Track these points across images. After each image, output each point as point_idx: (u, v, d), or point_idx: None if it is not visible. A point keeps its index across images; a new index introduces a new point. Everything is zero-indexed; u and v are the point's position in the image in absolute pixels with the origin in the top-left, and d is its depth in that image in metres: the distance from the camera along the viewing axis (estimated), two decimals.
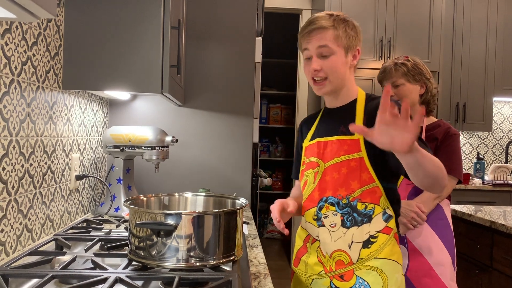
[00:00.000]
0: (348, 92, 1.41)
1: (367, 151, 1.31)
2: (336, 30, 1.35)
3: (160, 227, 1.04)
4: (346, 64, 1.37)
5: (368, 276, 1.31)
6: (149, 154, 1.86)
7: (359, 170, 1.31)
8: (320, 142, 1.40)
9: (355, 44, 1.39)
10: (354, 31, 1.38)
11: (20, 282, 1.07)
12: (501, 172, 4.06)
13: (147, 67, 1.58)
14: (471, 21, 4.12)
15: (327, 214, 1.36)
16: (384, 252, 1.32)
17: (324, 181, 1.37)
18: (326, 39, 1.35)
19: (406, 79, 1.92)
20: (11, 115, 1.21)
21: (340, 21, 1.36)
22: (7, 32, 1.17)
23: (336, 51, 1.35)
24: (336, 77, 1.37)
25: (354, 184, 1.32)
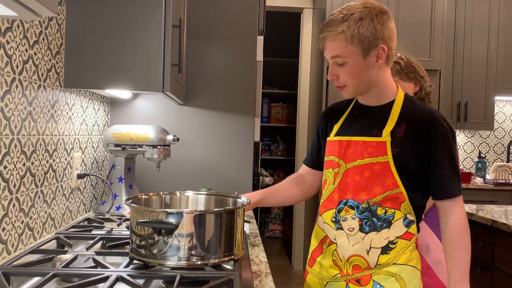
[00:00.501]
0: (382, 92, 1.33)
1: (393, 154, 1.26)
2: (347, 33, 1.23)
3: (162, 226, 1.04)
4: (366, 66, 1.26)
5: (386, 281, 1.28)
6: (151, 153, 1.86)
7: (383, 174, 1.26)
8: (342, 141, 1.34)
9: (376, 43, 1.24)
10: (372, 29, 1.23)
11: (21, 280, 1.07)
12: (502, 171, 4.06)
13: (149, 65, 1.58)
14: (473, 20, 4.11)
15: (345, 217, 1.31)
16: (403, 258, 1.29)
17: (345, 183, 1.32)
18: (336, 49, 1.26)
19: (400, 77, 1.91)
20: (12, 113, 1.21)
21: (353, 22, 1.23)
22: (8, 30, 1.17)
23: (350, 57, 1.25)
24: (356, 82, 1.29)
25: (377, 189, 1.27)
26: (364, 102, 1.37)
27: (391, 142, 1.27)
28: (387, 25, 1.27)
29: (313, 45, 4.47)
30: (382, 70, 1.31)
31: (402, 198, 1.28)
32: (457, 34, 4.12)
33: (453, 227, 1.28)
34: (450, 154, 1.28)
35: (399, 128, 1.28)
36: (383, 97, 1.33)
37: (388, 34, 1.27)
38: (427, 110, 1.31)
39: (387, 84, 1.33)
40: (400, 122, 1.29)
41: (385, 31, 1.26)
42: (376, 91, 1.32)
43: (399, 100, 1.32)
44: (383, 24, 1.26)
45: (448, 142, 1.28)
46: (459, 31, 4.12)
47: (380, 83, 1.32)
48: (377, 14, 1.25)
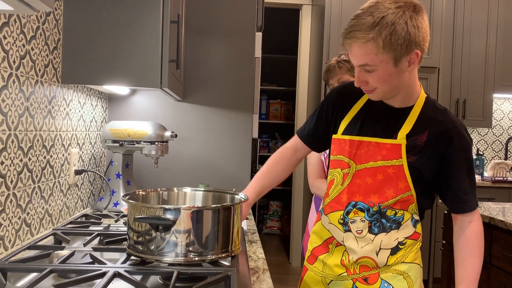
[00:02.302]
0: (408, 95, 1.26)
1: (409, 160, 1.22)
2: (378, 42, 1.11)
3: (159, 222, 1.04)
4: (397, 73, 1.17)
5: (394, 280, 1.27)
6: (148, 149, 1.85)
7: (396, 178, 1.22)
8: (353, 140, 1.27)
9: (409, 49, 1.13)
10: (406, 34, 1.11)
11: (18, 276, 1.07)
12: (500, 169, 4.07)
13: (146, 61, 1.57)
14: (472, 18, 4.11)
15: (354, 219, 1.28)
16: (410, 256, 1.29)
17: (355, 185, 1.27)
18: (365, 57, 1.14)
19: (351, 75, 1.94)
20: (9, 109, 1.20)
21: (384, 28, 1.10)
22: (5, 25, 1.17)
23: (380, 65, 1.15)
24: (386, 88, 1.20)
25: (389, 193, 1.24)
26: (387, 101, 1.28)
27: (409, 148, 1.22)
28: (422, 26, 1.15)
29: (312, 42, 4.46)
30: (414, 73, 1.24)
31: (412, 200, 1.26)
32: (456, 32, 4.12)
33: (469, 232, 1.29)
34: (469, 167, 1.27)
35: (421, 136, 1.23)
36: (408, 99, 1.27)
37: (422, 36, 1.15)
38: (450, 119, 1.26)
39: (413, 85, 1.26)
40: (422, 129, 1.23)
41: (420, 34, 1.14)
42: (404, 94, 1.25)
43: (420, 102, 1.26)
44: (418, 27, 1.14)
45: (469, 154, 1.26)
46: (458, 28, 4.11)
47: (408, 88, 1.24)
48: (411, 16, 1.12)
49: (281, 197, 5.69)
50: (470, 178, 1.27)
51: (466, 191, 1.27)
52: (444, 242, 2.74)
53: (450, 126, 1.24)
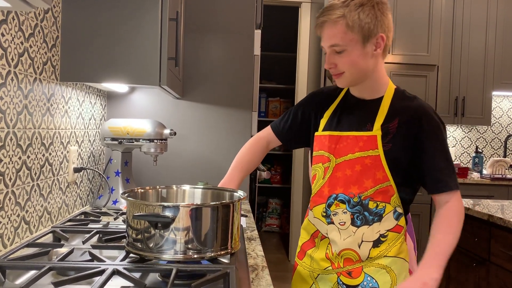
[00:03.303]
0: (376, 84, 1.31)
1: (384, 149, 1.25)
2: (348, 19, 1.20)
3: (158, 219, 1.04)
4: (365, 55, 1.23)
5: (377, 274, 1.28)
6: (147, 147, 1.85)
7: (374, 168, 1.26)
8: (332, 136, 1.33)
9: (376, 31, 1.22)
10: (373, 16, 1.21)
11: (17, 274, 1.07)
12: (499, 166, 4.07)
13: (145, 59, 1.57)
14: (471, 16, 4.11)
15: (336, 212, 1.31)
16: (393, 250, 1.29)
17: (335, 178, 1.31)
18: (336, 36, 1.22)
19: None
20: (8, 106, 1.20)
21: (354, 7, 1.20)
22: (3, 23, 1.17)
23: (349, 45, 1.22)
24: (354, 71, 1.26)
25: (368, 183, 1.27)
26: (358, 95, 1.35)
27: (383, 137, 1.26)
28: (386, 14, 1.24)
29: (311, 39, 4.46)
30: (378, 61, 1.29)
31: (392, 191, 1.28)
32: (455, 29, 4.11)
33: (443, 211, 1.26)
34: (443, 147, 1.27)
35: (392, 123, 1.27)
36: (376, 90, 1.32)
37: (387, 23, 1.24)
38: (419, 104, 1.30)
39: (381, 76, 1.32)
40: (393, 117, 1.28)
41: (385, 20, 1.24)
42: (371, 83, 1.31)
43: (390, 92, 1.32)
44: (383, 13, 1.23)
45: (441, 135, 1.27)
46: (457, 26, 4.11)
47: (375, 75, 1.30)
48: (377, 2, 1.22)
49: (281, 195, 5.69)
50: (445, 158, 1.27)
51: (442, 171, 1.26)
52: None
53: (418, 111, 1.27)
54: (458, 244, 2.62)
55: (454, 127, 4.56)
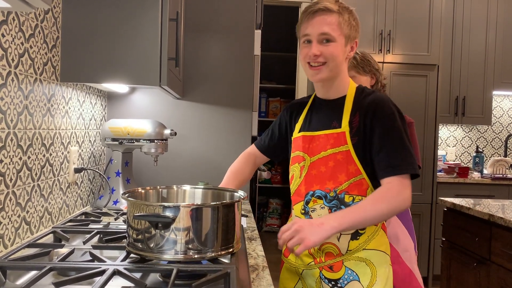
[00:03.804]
0: (341, 84, 1.39)
1: (352, 143, 1.31)
2: (341, 16, 1.31)
3: (158, 220, 1.04)
4: (344, 53, 1.34)
5: (357, 267, 1.32)
6: (148, 147, 1.85)
7: (346, 162, 1.31)
8: (306, 136, 1.39)
9: (355, 35, 1.36)
10: (356, 22, 1.36)
11: (18, 274, 1.07)
12: (500, 166, 4.07)
13: (145, 59, 1.57)
14: (471, 15, 4.11)
15: (314, 208, 1.36)
16: (372, 243, 1.33)
17: (311, 175, 1.36)
18: (330, 24, 1.30)
19: (357, 71, 1.98)
20: (8, 107, 1.20)
21: (345, 9, 1.33)
22: (3, 23, 1.17)
23: (337, 39, 1.31)
24: (334, 64, 1.33)
25: (342, 177, 1.31)
26: (323, 96, 1.43)
27: (350, 132, 1.31)
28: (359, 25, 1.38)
29: None
30: (346, 62, 1.39)
31: (366, 184, 1.31)
32: (455, 29, 4.11)
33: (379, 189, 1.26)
34: (396, 133, 1.28)
35: (354, 117, 1.33)
36: (341, 89, 1.39)
37: (359, 32, 1.38)
38: (375, 96, 1.35)
39: (345, 76, 1.40)
40: (355, 112, 1.33)
41: (358, 29, 1.37)
42: (338, 82, 1.38)
43: (351, 91, 1.38)
44: (358, 25, 1.37)
45: (393, 121, 1.29)
46: (458, 26, 4.11)
47: (342, 75, 1.38)
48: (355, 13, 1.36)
49: (281, 195, 5.69)
50: (398, 144, 1.27)
51: (392, 156, 1.26)
52: (443, 239, 2.74)
53: (373, 102, 1.32)
54: (459, 244, 2.62)
55: (454, 127, 4.56)
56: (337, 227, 1.18)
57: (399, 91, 3.80)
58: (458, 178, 3.93)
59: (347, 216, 1.21)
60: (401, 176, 1.25)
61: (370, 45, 3.79)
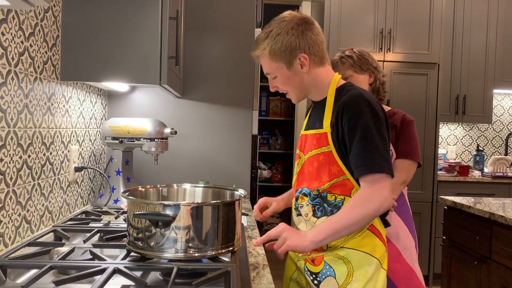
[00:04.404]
0: (320, 89, 1.38)
1: (334, 144, 1.30)
2: (267, 53, 1.33)
3: (159, 218, 1.04)
4: (294, 75, 1.34)
5: (335, 263, 1.33)
6: (148, 146, 1.85)
7: (328, 163, 1.31)
8: (302, 135, 1.44)
9: (295, 54, 1.31)
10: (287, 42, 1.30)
11: (18, 272, 1.07)
12: (500, 164, 4.06)
13: (146, 58, 1.57)
14: (472, 13, 4.10)
15: (302, 204, 1.39)
16: (351, 243, 1.32)
17: (302, 173, 1.40)
18: (265, 66, 1.37)
19: (354, 70, 1.97)
20: (8, 106, 1.20)
21: (271, 38, 1.32)
22: (3, 22, 1.16)
23: (277, 72, 1.35)
24: (292, 89, 1.38)
25: (324, 178, 1.32)
26: (313, 98, 1.44)
27: (331, 132, 1.31)
28: (304, 35, 1.32)
29: None
30: (315, 72, 1.36)
31: (350, 184, 1.30)
32: (456, 28, 4.11)
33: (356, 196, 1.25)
34: (364, 132, 1.24)
35: (332, 118, 1.32)
36: (321, 93, 1.39)
37: (305, 42, 1.32)
38: (348, 94, 1.30)
39: (322, 81, 1.37)
40: (333, 113, 1.32)
41: (301, 41, 1.32)
42: (314, 89, 1.39)
43: (332, 91, 1.36)
44: (299, 35, 1.31)
45: (358, 120, 1.24)
46: (458, 24, 4.10)
47: (316, 83, 1.37)
48: (292, 27, 1.31)
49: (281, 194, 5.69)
50: (367, 143, 1.23)
51: (361, 155, 1.24)
52: (444, 238, 2.74)
53: (344, 100, 1.29)
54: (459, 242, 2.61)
55: (455, 125, 4.55)
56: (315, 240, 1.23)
57: (400, 89, 3.80)
58: (458, 177, 3.93)
59: (322, 228, 1.24)
60: (371, 176, 1.23)
61: (371, 44, 3.79)
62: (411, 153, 1.91)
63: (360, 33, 3.79)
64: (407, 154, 1.91)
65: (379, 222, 1.36)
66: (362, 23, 3.79)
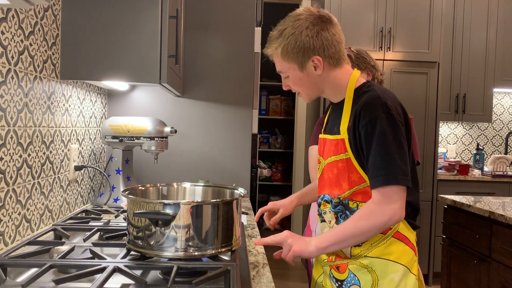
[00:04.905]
0: (335, 91, 1.32)
1: (352, 151, 1.24)
2: (280, 51, 1.28)
3: (158, 217, 1.04)
4: (308, 76, 1.29)
5: (359, 272, 1.28)
6: (148, 145, 1.85)
7: (347, 171, 1.26)
8: (321, 138, 1.38)
9: (308, 55, 1.25)
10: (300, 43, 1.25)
11: (18, 271, 1.07)
12: (500, 163, 4.06)
13: (145, 57, 1.57)
14: (472, 12, 4.10)
15: (325, 211, 1.36)
16: (375, 251, 1.26)
17: (323, 179, 1.35)
18: (277, 65, 1.33)
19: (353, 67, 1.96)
20: (8, 105, 1.20)
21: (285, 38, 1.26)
22: (3, 21, 1.16)
23: (289, 72, 1.30)
24: (305, 90, 1.33)
25: (345, 185, 1.27)
26: (330, 99, 1.38)
27: (349, 138, 1.25)
28: (319, 35, 1.25)
29: None
30: (329, 73, 1.29)
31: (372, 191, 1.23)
32: (456, 26, 4.10)
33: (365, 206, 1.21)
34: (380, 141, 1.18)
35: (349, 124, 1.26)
36: (338, 94, 1.33)
37: (320, 44, 1.25)
38: (365, 97, 1.23)
39: (338, 83, 1.31)
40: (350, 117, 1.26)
41: (316, 42, 1.25)
42: (330, 91, 1.33)
43: (349, 94, 1.29)
44: (313, 36, 1.25)
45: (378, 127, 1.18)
46: (458, 23, 4.10)
47: (331, 85, 1.31)
48: (307, 27, 1.24)
49: (281, 192, 5.69)
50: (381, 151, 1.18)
51: (376, 166, 1.18)
52: (444, 237, 2.74)
53: (360, 105, 1.22)
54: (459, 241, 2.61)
55: (455, 124, 4.55)
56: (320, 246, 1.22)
57: (400, 88, 3.79)
58: (458, 176, 3.93)
59: (328, 236, 1.22)
60: (384, 188, 1.17)
61: (371, 43, 3.79)
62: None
63: (360, 31, 3.79)
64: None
65: (406, 226, 1.29)
66: (362, 22, 3.79)
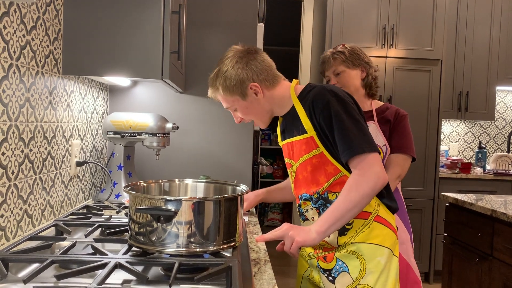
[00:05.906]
0: (282, 105, 1.41)
1: (323, 144, 1.31)
2: (220, 90, 1.38)
3: (160, 213, 1.04)
4: (252, 103, 1.37)
5: (347, 258, 1.35)
6: (150, 141, 1.85)
7: (322, 164, 1.33)
8: (288, 143, 1.43)
9: (245, 85, 1.35)
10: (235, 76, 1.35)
11: (20, 266, 1.07)
12: (502, 162, 4.05)
13: (148, 52, 1.56)
14: (475, 10, 4.08)
15: (306, 209, 1.41)
16: (361, 237, 1.33)
17: (298, 180, 1.41)
18: (223, 102, 1.41)
19: (346, 66, 1.97)
20: (10, 99, 1.20)
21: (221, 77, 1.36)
22: (5, 15, 1.16)
23: (235, 104, 1.39)
24: (255, 117, 1.42)
25: (322, 179, 1.34)
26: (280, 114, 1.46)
27: (316, 134, 1.32)
28: (249, 65, 1.36)
29: (313, 34, 4.44)
30: (271, 94, 1.39)
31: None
32: (459, 24, 4.09)
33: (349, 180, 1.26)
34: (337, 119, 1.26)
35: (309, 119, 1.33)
36: (287, 105, 1.41)
37: (252, 71, 1.35)
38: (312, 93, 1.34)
39: (282, 97, 1.40)
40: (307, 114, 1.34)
41: (248, 72, 1.35)
42: (278, 107, 1.42)
43: (295, 100, 1.38)
44: (244, 67, 1.35)
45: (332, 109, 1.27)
46: (461, 20, 4.08)
47: (276, 102, 1.40)
48: (237, 61, 1.36)
49: None
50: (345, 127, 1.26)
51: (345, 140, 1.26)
52: (445, 235, 2.74)
53: (311, 99, 1.32)
54: (461, 239, 2.61)
55: (457, 122, 4.54)
56: (320, 230, 1.23)
57: (402, 86, 3.78)
58: (460, 174, 3.92)
59: (325, 218, 1.24)
60: (356, 158, 1.24)
61: (373, 40, 3.77)
62: (405, 147, 1.92)
63: (363, 29, 3.78)
64: (401, 148, 1.91)
65: (385, 210, 1.38)
66: (365, 19, 3.78)
